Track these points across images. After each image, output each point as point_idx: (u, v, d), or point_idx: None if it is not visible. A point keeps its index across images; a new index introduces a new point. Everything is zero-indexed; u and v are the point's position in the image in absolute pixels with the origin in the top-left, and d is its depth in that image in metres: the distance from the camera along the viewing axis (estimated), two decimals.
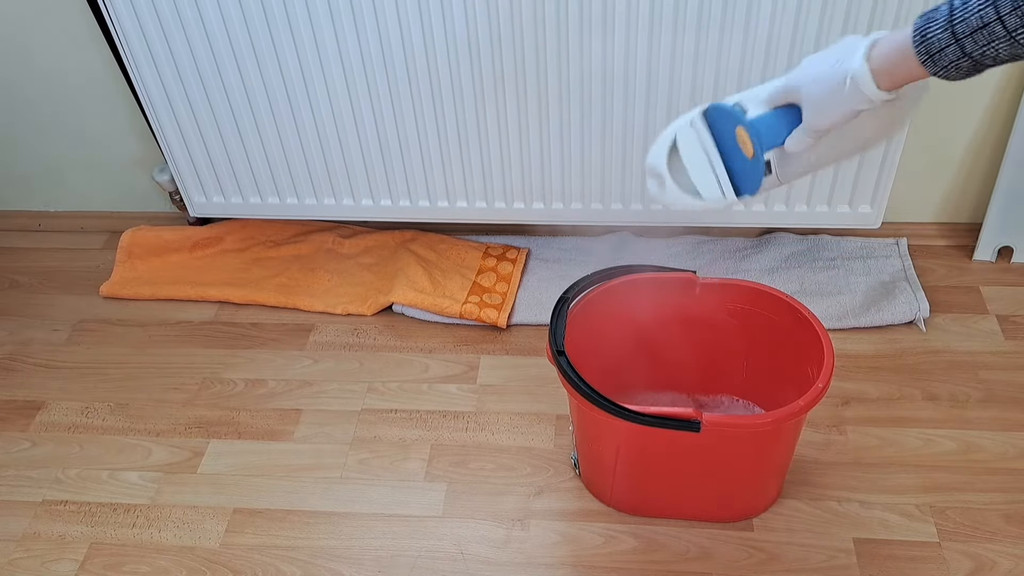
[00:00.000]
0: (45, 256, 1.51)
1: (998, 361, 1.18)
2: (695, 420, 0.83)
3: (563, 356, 0.88)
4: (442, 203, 1.32)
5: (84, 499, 1.10)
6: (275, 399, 1.21)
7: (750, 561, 0.97)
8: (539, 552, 1.00)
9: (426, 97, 1.19)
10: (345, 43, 1.14)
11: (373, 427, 1.16)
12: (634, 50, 1.10)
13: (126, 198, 1.53)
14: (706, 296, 1.01)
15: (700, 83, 1.13)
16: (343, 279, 1.38)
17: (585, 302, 0.98)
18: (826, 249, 1.35)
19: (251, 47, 1.16)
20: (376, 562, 1.00)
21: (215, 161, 1.31)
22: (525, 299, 1.32)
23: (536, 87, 1.16)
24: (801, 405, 0.83)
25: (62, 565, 1.03)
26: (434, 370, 1.24)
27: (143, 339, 1.33)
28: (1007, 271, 1.31)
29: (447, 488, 1.08)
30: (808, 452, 1.08)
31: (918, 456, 1.07)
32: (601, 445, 0.96)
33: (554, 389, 1.19)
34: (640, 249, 1.38)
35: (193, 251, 1.45)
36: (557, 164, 1.24)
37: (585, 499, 1.05)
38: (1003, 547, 0.97)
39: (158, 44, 1.17)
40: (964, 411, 1.12)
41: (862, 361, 1.19)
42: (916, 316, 1.23)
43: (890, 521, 1.00)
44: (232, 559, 1.02)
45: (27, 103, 1.39)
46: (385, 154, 1.26)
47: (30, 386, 1.26)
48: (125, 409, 1.22)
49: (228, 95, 1.22)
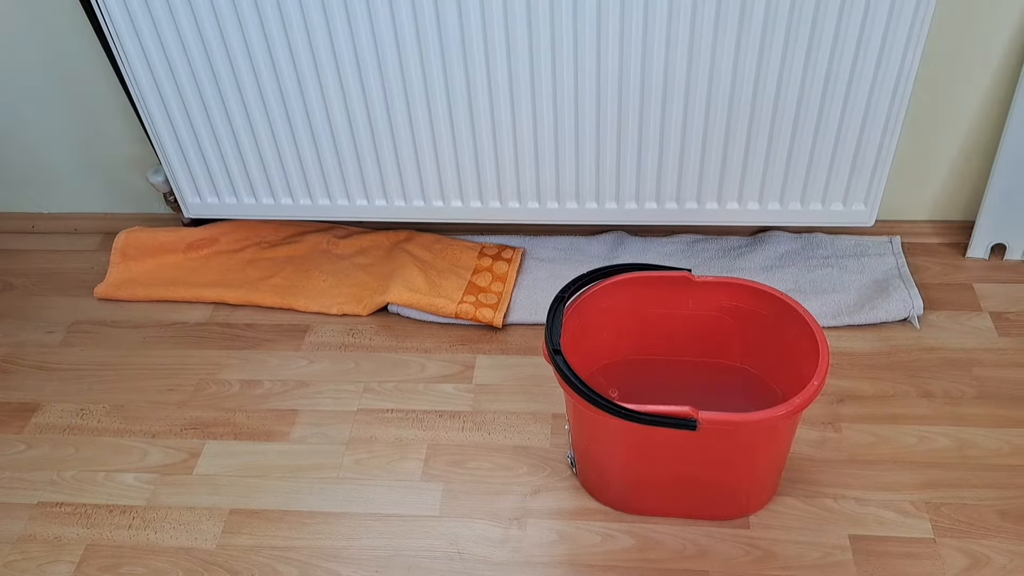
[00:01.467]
0: (39, 258, 1.51)
1: (992, 358, 1.18)
2: (691, 418, 0.83)
3: (559, 355, 0.88)
4: (437, 203, 1.32)
5: (80, 501, 1.10)
6: (271, 400, 1.21)
7: (747, 559, 0.98)
8: (536, 551, 1.00)
9: (420, 97, 1.19)
10: (339, 43, 1.14)
11: (369, 427, 1.16)
12: (628, 50, 1.11)
13: (120, 199, 1.52)
14: (701, 295, 1.01)
15: (695, 82, 1.13)
16: (338, 279, 1.38)
17: (581, 301, 0.98)
18: (820, 247, 1.35)
19: (245, 47, 1.16)
20: (373, 562, 1.00)
21: (209, 162, 1.31)
22: (521, 298, 1.32)
23: (530, 86, 1.16)
24: (797, 403, 0.83)
25: (58, 567, 1.02)
26: (430, 370, 1.24)
27: (138, 340, 1.33)
28: (1000, 268, 1.32)
29: (444, 488, 1.08)
30: (804, 450, 1.08)
31: (913, 453, 1.07)
32: (598, 444, 0.96)
33: (550, 388, 1.19)
34: (635, 248, 1.38)
35: (188, 252, 1.45)
36: (551, 163, 1.24)
37: (582, 498, 1.05)
38: (998, 543, 0.97)
39: (152, 45, 1.17)
40: (958, 408, 1.12)
41: (857, 359, 1.20)
42: (910, 313, 1.23)
43: (885, 518, 1.00)
44: (229, 560, 1.02)
45: (20, 104, 1.39)
46: (380, 154, 1.26)
47: (25, 388, 1.26)
48: (121, 411, 1.21)
49: (222, 95, 1.22)
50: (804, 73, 1.11)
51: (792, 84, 1.12)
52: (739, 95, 1.14)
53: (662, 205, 1.28)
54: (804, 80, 1.12)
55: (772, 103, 1.14)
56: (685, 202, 1.27)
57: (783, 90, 1.13)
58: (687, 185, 1.25)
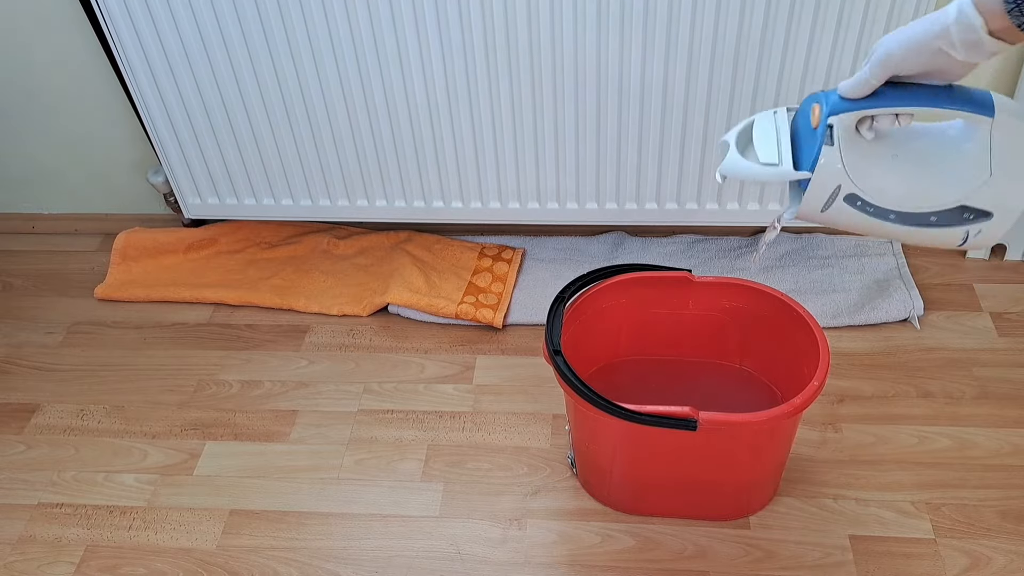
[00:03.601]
0: (39, 258, 1.51)
1: (992, 358, 1.18)
2: (691, 419, 0.83)
3: (559, 355, 0.88)
4: (437, 203, 1.32)
5: (80, 502, 1.10)
6: (271, 400, 1.21)
7: (747, 559, 0.98)
8: (536, 551, 1.00)
9: (421, 97, 1.19)
10: (340, 43, 1.14)
11: (369, 428, 1.16)
12: (629, 51, 1.11)
13: (120, 200, 1.52)
14: (701, 295, 1.01)
15: (694, 84, 1.13)
16: (338, 280, 1.38)
17: (581, 301, 0.98)
18: (820, 248, 1.35)
19: (246, 48, 1.16)
20: (373, 562, 1.00)
21: (210, 162, 1.31)
22: (521, 299, 1.32)
23: (531, 87, 1.16)
24: (797, 403, 0.83)
25: (58, 568, 1.02)
26: (430, 370, 1.24)
27: (138, 341, 1.33)
28: (1000, 268, 1.32)
29: (444, 488, 1.08)
30: (804, 450, 1.08)
31: (913, 453, 1.07)
32: (597, 444, 0.96)
33: (550, 389, 1.19)
34: (635, 248, 1.38)
35: (188, 253, 1.45)
36: (552, 163, 1.24)
37: (582, 498, 1.05)
38: (998, 543, 0.97)
39: (152, 45, 1.17)
40: (958, 408, 1.12)
41: (857, 359, 1.20)
42: (910, 314, 1.23)
43: (885, 518, 1.00)
44: (229, 561, 1.02)
45: (20, 105, 1.39)
46: (380, 154, 1.26)
47: (25, 389, 1.26)
48: (120, 411, 1.21)
49: (223, 96, 1.22)
50: (804, 73, 1.11)
51: (793, 84, 1.12)
52: (739, 95, 1.14)
53: (662, 205, 1.28)
54: (804, 80, 1.12)
55: (772, 103, 1.14)
56: (685, 202, 1.27)
57: (783, 90, 1.13)
58: (687, 185, 1.25)
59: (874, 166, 0.65)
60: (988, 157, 0.62)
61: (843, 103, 0.64)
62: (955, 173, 0.64)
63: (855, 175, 0.65)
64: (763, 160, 0.68)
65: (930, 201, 0.65)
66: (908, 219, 0.66)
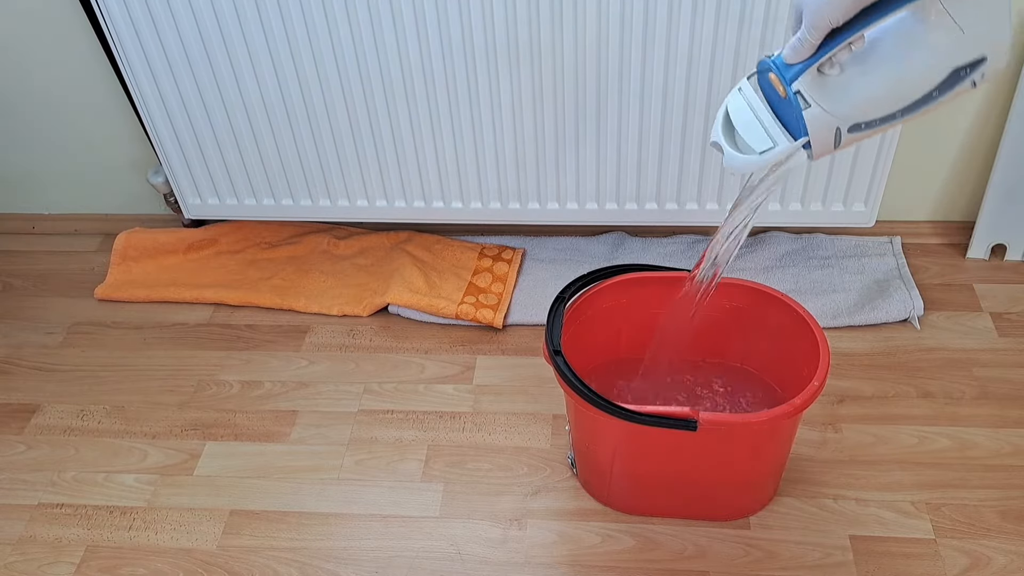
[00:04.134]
0: (39, 259, 1.51)
1: (992, 358, 1.18)
2: (691, 419, 0.83)
3: (559, 356, 0.88)
4: (437, 203, 1.32)
5: (80, 502, 1.10)
6: (271, 401, 1.21)
7: (747, 559, 0.98)
8: (536, 552, 1.00)
9: (421, 97, 1.19)
10: (340, 44, 1.14)
11: (370, 428, 1.16)
12: (629, 51, 1.11)
13: (120, 200, 1.52)
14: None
15: (694, 84, 1.13)
16: (338, 280, 1.38)
17: (581, 302, 0.98)
18: (820, 248, 1.35)
19: (246, 47, 1.16)
20: (373, 563, 1.00)
21: (210, 163, 1.31)
22: (521, 299, 1.32)
23: (531, 87, 1.16)
24: (797, 404, 0.83)
25: (58, 568, 1.02)
26: (430, 371, 1.24)
27: (138, 341, 1.33)
28: (1000, 268, 1.32)
29: (444, 488, 1.08)
30: (804, 450, 1.08)
31: (913, 453, 1.07)
32: (597, 444, 0.96)
33: (550, 389, 1.19)
34: (635, 248, 1.38)
35: (188, 253, 1.45)
36: (552, 164, 1.24)
37: (582, 498, 1.05)
38: (998, 543, 0.97)
39: (152, 46, 1.17)
40: (959, 408, 1.12)
41: (857, 359, 1.20)
42: (910, 314, 1.23)
43: (885, 518, 1.00)
44: (229, 561, 1.02)
45: (20, 105, 1.39)
46: (380, 154, 1.26)
47: (25, 389, 1.26)
48: (121, 412, 1.21)
49: (223, 96, 1.22)
50: None
51: None
52: None
53: (662, 205, 1.28)
54: None
55: None
56: (685, 203, 1.27)
57: None
58: (687, 186, 1.25)
59: (855, 91, 0.66)
60: (950, 19, 0.62)
61: (796, 67, 0.65)
62: (930, 50, 0.64)
63: (843, 112, 0.66)
64: (758, 149, 0.69)
65: (922, 85, 0.65)
66: (913, 107, 0.67)
